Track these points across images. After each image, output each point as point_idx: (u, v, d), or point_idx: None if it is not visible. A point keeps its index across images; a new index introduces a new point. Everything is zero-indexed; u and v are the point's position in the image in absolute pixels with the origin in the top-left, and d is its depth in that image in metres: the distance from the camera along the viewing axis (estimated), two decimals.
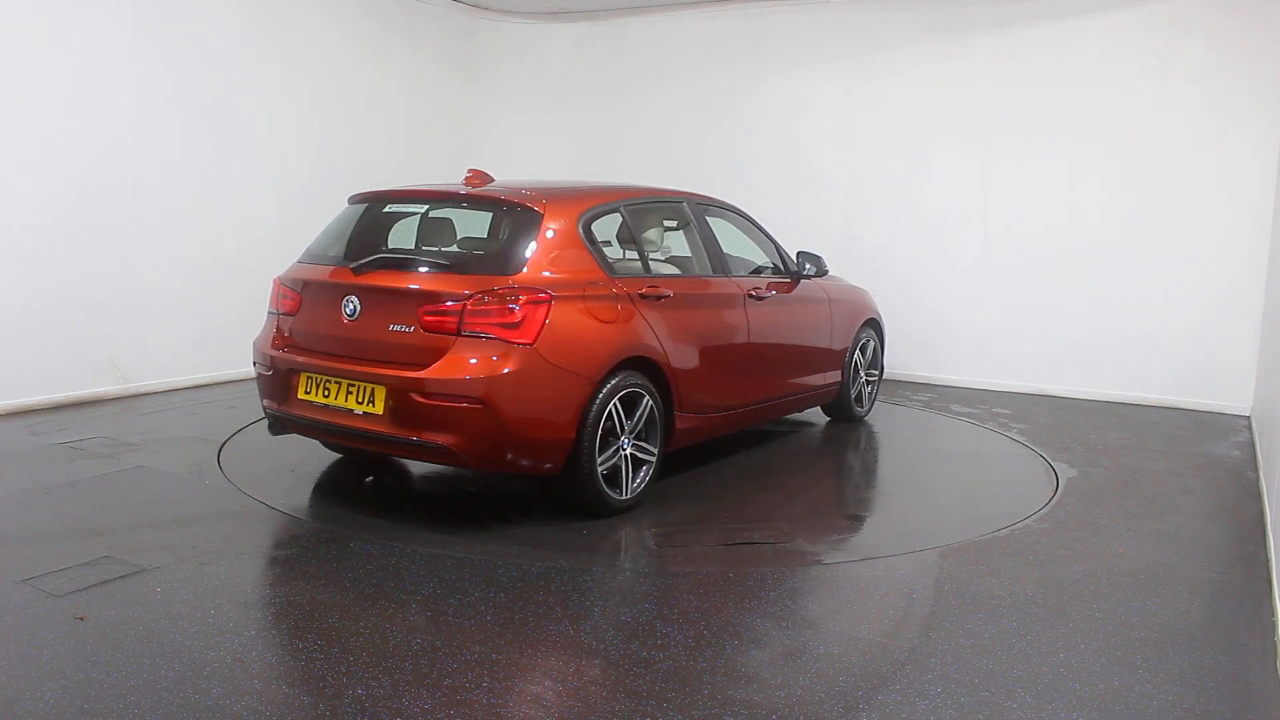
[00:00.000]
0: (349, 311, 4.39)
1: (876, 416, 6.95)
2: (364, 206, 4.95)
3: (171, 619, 3.25)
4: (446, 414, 4.07)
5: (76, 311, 6.47)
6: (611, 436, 4.45)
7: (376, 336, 4.31)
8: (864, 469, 5.91)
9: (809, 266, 5.98)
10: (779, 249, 6.00)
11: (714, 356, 5.11)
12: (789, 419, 6.77)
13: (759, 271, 5.86)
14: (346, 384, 4.34)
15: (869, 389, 6.86)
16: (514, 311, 4.14)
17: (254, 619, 3.41)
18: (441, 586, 3.62)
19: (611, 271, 4.64)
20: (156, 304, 6.94)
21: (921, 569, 4.04)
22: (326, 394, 4.41)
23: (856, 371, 6.64)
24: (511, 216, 4.55)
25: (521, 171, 9.56)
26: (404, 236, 4.89)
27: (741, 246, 5.98)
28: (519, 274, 4.26)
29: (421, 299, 4.22)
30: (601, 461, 4.39)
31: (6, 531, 4.05)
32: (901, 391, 7.93)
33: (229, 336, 7.01)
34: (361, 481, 5.14)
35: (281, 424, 4.73)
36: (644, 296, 4.68)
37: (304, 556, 3.91)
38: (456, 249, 4.78)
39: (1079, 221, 7.79)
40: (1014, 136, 7.95)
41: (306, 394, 4.49)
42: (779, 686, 2.93)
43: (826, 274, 6.18)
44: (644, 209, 5.32)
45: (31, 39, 6.10)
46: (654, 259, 5.43)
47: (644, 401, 4.57)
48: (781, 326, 5.74)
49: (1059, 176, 7.82)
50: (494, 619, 3.40)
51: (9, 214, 6.08)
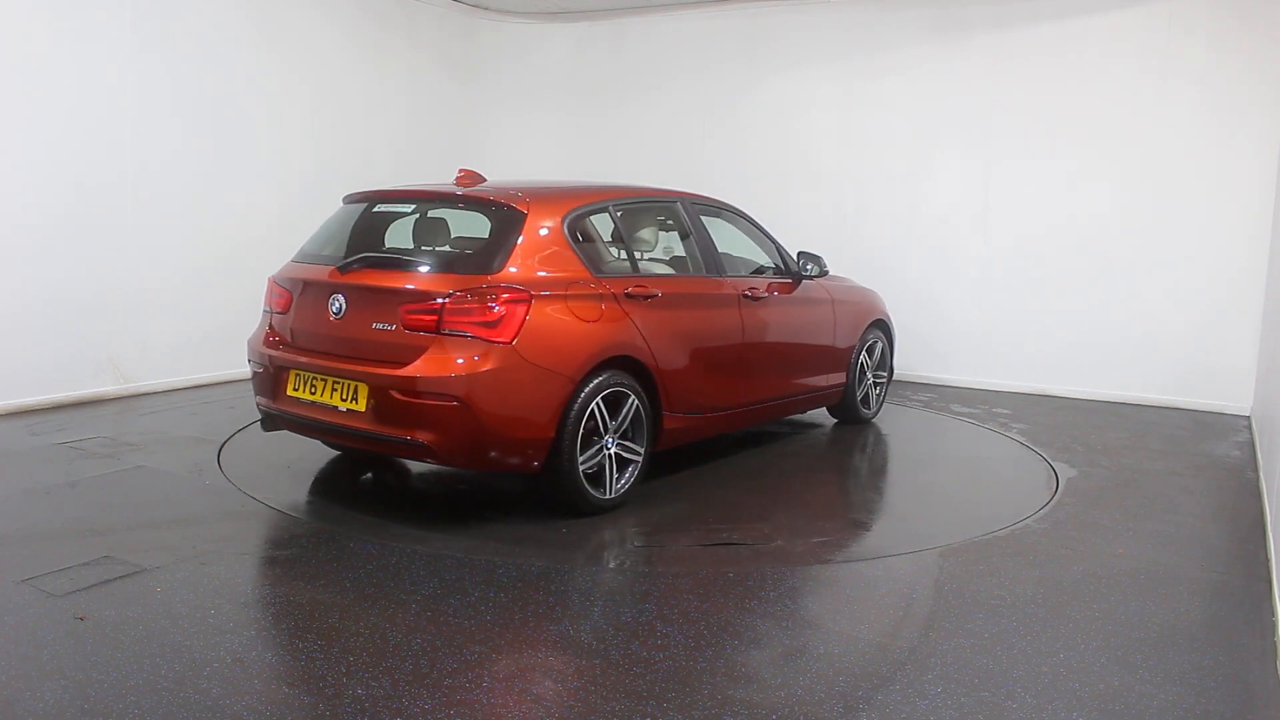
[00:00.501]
0: (335, 310, 4.45)
1: (877, 417, 6.94)
2: (356, 206, 5.00)
3: (171, 619, 3.25)
4: (426, 411, 4.11)
5: (76, 311, 6.47)
6: (595, 436, 4.46)
7: (361, 335, 4.36)
8: (862, 470, 5.91)
9: (810, 267, 5.97)
10: (780, 249, 5.98)
11: (705, 357, 5.10)
12: (794, 420, 6.76)
13: (760, 272, 5.85)
14: (332, 381, 4.39)
15: (877, 391, 6.81)
16: (493, 310, 4.16)
17: (254, 619, 3.41)
18: (441, 586, 3.62)
19: (597, 271, 4.64)
20: (156, 304, 6.94)
21: (921, 569, 4.04)
22: (314, 391, 4.47)
23: (863, 373, 6.59)
24: (495, 216, 4.57)
25: (521, 171, 9.56)
26: (401, 236, 4.90)
27: (743, 247, 5.98)
28: (500, 273, 4.29)
29: (403, 298, 4.26)
30: (584, 460, 4.40)
31: (6, 531, 4.06)
32: (901, 391, 7.93)
33: (229, 336, 7.00)
34: (361, 481, 5.14)
35: (273, 421, 4.79)
36: (630, 296, 4.68)
37: (304, 556, 3.91)
38: (443, 249, 4.80)
39: (1079, 221, 7.79)
40: (1014, 136, 7.94)
41: (295, 391, 4.55)
42: (779, 686, 2.93)
43: (827, 274, 6.16)
44: (635, 209, 5.33)
45: (31, 39, 6.10)
46: (646, 259, 5.43)
47: (629, 401, 4.58)
48: (779, 327, 5.72)
49: (1059, 176, 7.82)
50: (494, 619, 3.40)
51: (9, 214, 6.08)
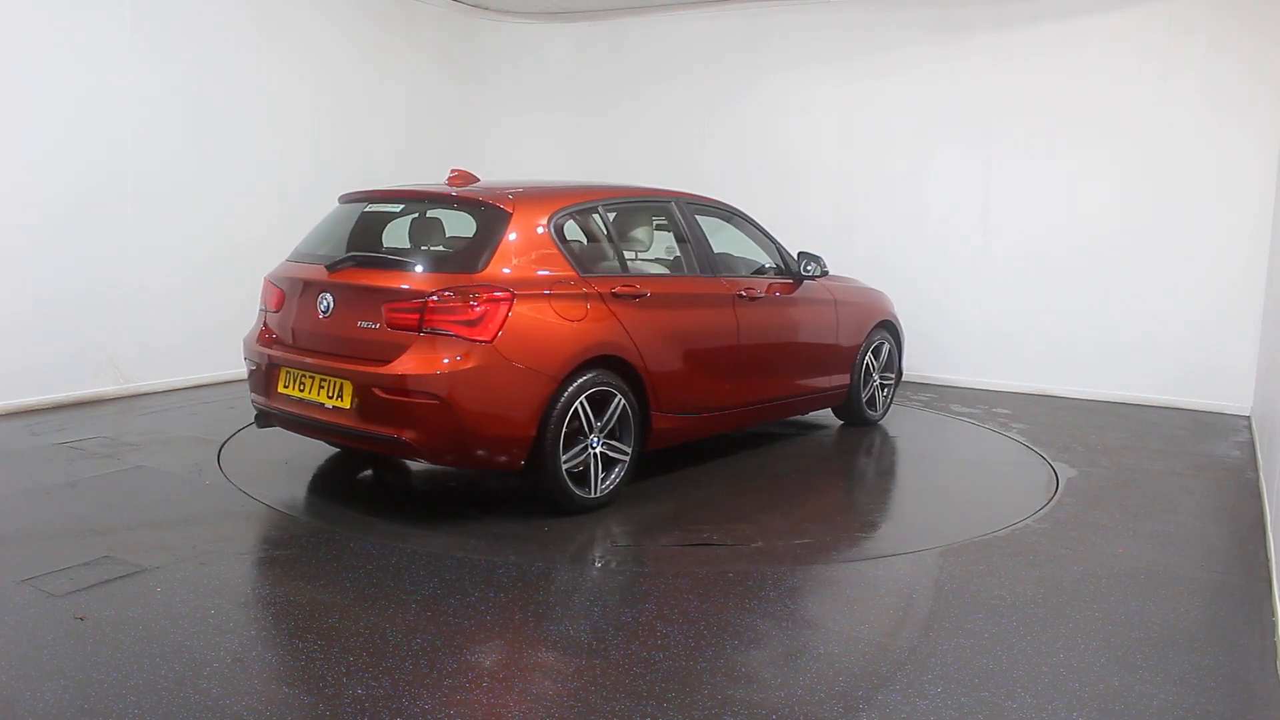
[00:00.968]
0: (323, 308, 4.51)
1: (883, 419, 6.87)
2: (351, 206, 5.06)
3: (171, 619, 3.25)
4: (407, 409, 4.14)
5: (76, 311, 6.47)
6: (580, 435, 4.46)
7: (346, 333, 4.41)
8: (860, 471, 5.90)
9: (810, 267, 5.94)
10: (780, 249, 5.95)
11: (698, 357, 5.09)
12: (797, 421, 6.73)
13: (760, 272, 5.83)
14: (320, 379, 4.44)
15: (884, 393, 6.75)
16: (474, 309, 4.18)
17: (254, 619, 3.41)
18: (441, 586, 3.62)
19: (584, 271, 4.64)
20: (157, 304, 6.94)
21: (921, 569, 4.04)
22: (302, 388, 4.52)
23: (868, 374, 6.54)
24: (480, 216, 4.60)
25: (520, 171, 9.56)
26: (398, 237, 4.93)
27: (743, 247, 5.97)
28: (482, 273, 4.31)
29: (387, 296, 4.30)
30: (569, 459, 4.41)
31: (6, 531, 4.06)
32: (901, 391, 7.91)
33: (229, 336, 6.97)
34: (360, 480, 5.14)
35: (266, 418, 4.85)
36: (617, 296, 4.68)
37: (304, 556, 3.91)
38: (432, 249, 4.82)
39: (1079, 221, 7.79)
40: (1014, 136, 7.94)
41: (286, 388, 4.61)
42: (779, 686, 2.93)
43: (827, 274, 6.12)
44: (626, 209, 5.33)
45: (31, 39, 6.10)
46: (639, 259, 5.42)
47: (615, 400, 4.58)
48: (777, 327, 5.70)
49: (1059, 176, 7.82)
50: (494, 619, 3.40)
51: (9, 214, 6.08)
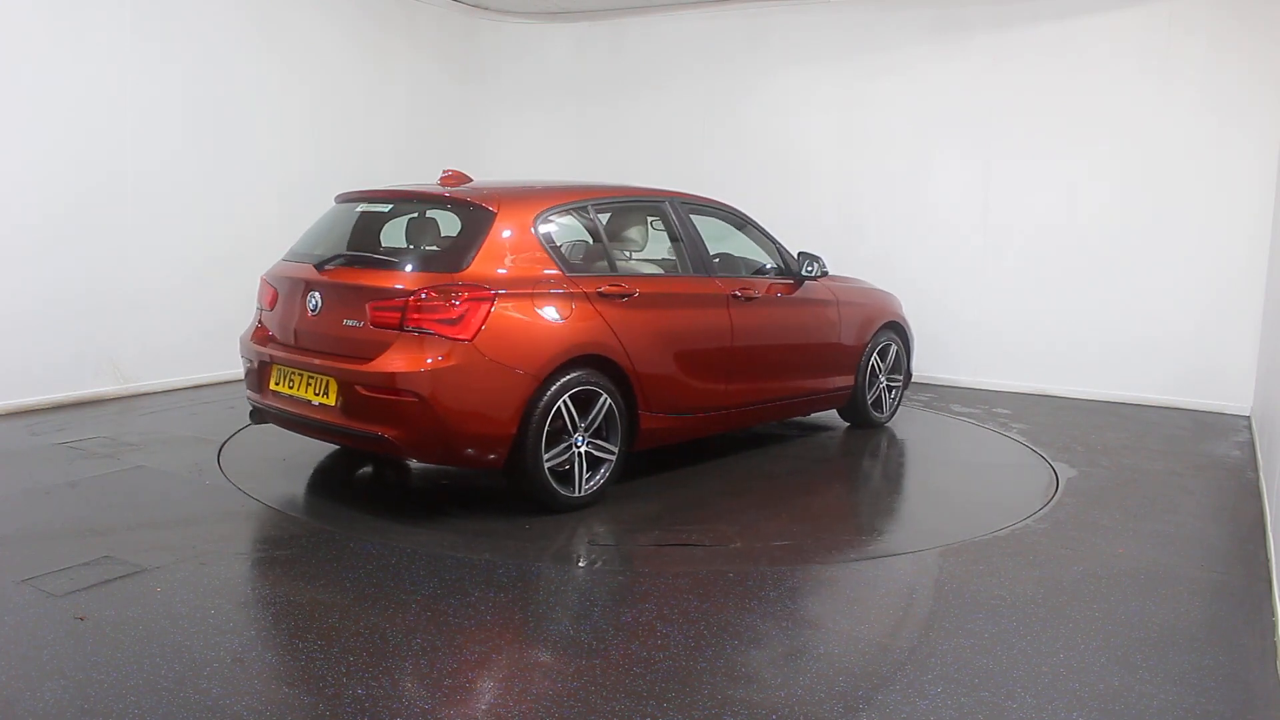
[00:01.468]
0: (312, 307, 4.57)
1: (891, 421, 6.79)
2: (345, 206, 5.13)
3: (171, 619, 3.25)
4: (387, 406, 4.19)
5: (76, 311, 6.47)
6: (564, 434, 4.47)
7: (333, 331, 4.47)
8: (857, 472, 5.88)
9: (810, 267, 5.91)
10: (781, 250, 5.92)
11: (689, 357, 5.07)
12: (802, 423, 6.70)
13: (761, 273, 5.81)
14: (307, 376, 4.51)
15: (891, 394, 6.67)
16: (455, 308, 4.21)
17: (254, 619, 3.41)
18: (441, 586, 3.62)
19: (569, 270, 4.66)
20: (156, 304, 6.94)
21: (921, 569, 4.04)
22: (291, 385, 4.59)
23: (874, 376, 6.48)
24: (465, 216, 4.64)
25: (520, 171, 9.56)
26: (395, 236, 4.95)
27: (743, 247, 5.96)
28: (465, 272, 4.34)
29: (370, 295, 4.35)
30: (552, 457, 4.42)
31: (6, 531, 4.06)
32: None
33: (229, 336, 6.96)
34: (361, 481, 5.14)
35: (260, 414, 4.92)
36: (603, 295, 4.68)
37: (304, 556, 3.91)
38: (421, 248, 4.84)
39: (1079, 221, 7.79)
40: (1014, 136, 7.94)
41: (277, 385, 4.69)
42: (779, 686, 2.93)
43: (826, 274, 6.07)
44: (617, 209, 5.34)
45: (31, 39, 6.10)
46: (632, 259, 5.41)
47: (601, 400, 4.58)
48: (774, 328, 5.66)
49: (1059, 176, 7.82)
50: (494, 619, 3.40)
51: (9, 214, 6.08)
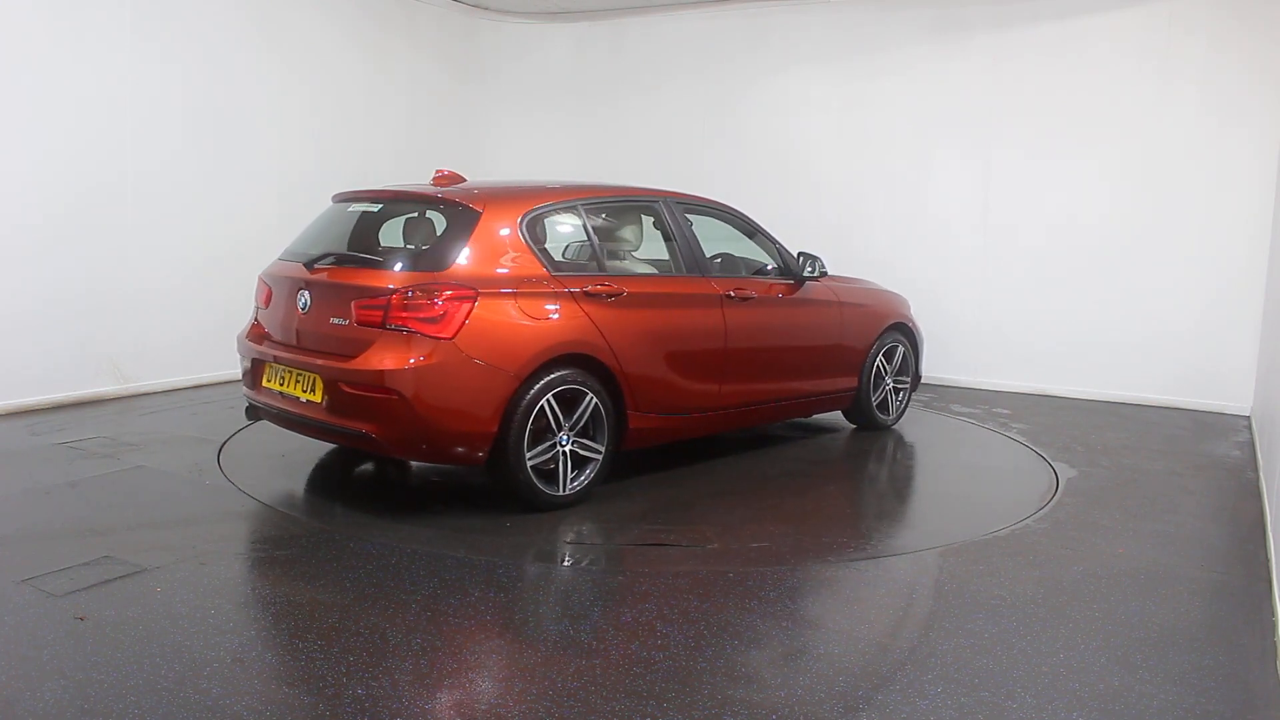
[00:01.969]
0: (302, 305, 4.64)
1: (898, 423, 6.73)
2: (338, 206, 5.20)
3: (171, 619, 3.25)
4: (369, 403, 4.25)
5: (76, 311, 6.47)
6: (548, 432, 4.48)
7: (320, 329, 4.54)
8: (855, 472, 5.86)
9: (810, 268, 5.88)
10: (781, 250, 5.89)
11: (680, 357, 5.06)
12: (806, 425, 6.67)
13: (761, 273, 5.79)
14: (296, 373, 4.58)
15: (898, 396, 6.60)
16: (436, 307, 4.25)
17: (254, 619, 3.41)
18: (441, 586, 3.62)
19: (555, 270, 4.67)
20: (156, 304, 6.94)
21: (921, 569, 4.04)
22: (282, 382, 4.66)
23: (880, 377, 6.43)
24: (450, 216, 4.67)
25: (519, 171, 9.56)
26: (380, 236, 4.98)
27: (744, 248, 5.95)
28: (448, 270, 4.37)
29: (355, 294, 4.41)
30: (536, 456, 4.44)
31: (6, 531, 4.06)
32: None
33: (229, 336, 6.95)
34: (361, 480, 5.15)
35: (254, 411, 5.00)
36: (590, 295, 4.68)
37: (304, 556, 3.91)
38: (405, 247, 4.85)
39: (1079, 221, 7.79)
40: (1014, 137, 7.94)
41: (269, 382, 4.76)
42: (779, 686, 2.93)
43: (825, 274, 6.03)
44: (608, 208, 5.34)
45: (32, 39, 6.10)
46: (623, 258, 5.40)
47: (587, 399, 4.58)
48: (771, 328, 5.64)
49: (1059, 176, 7.82)
50: (494, 619, 3.40)
51: (10, 214, 6.08)
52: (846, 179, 8.65)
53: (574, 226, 5.03)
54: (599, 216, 5.24)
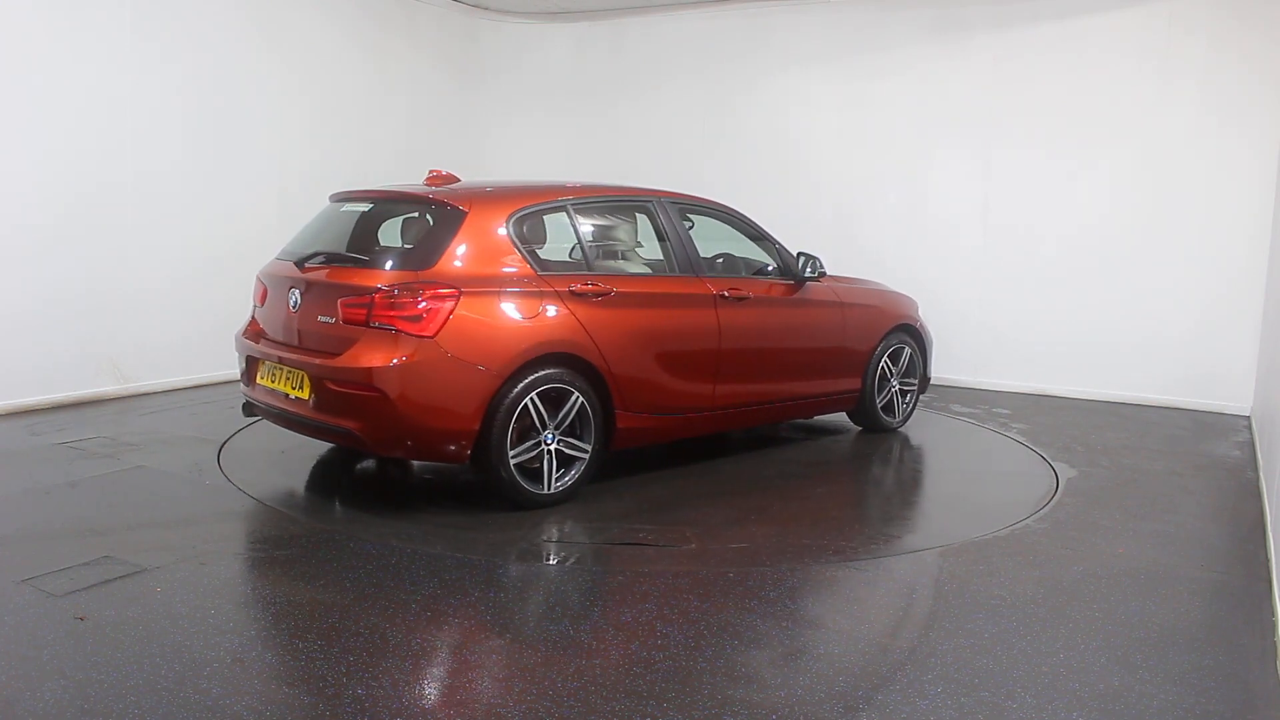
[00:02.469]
0: (292, 303, 4.69)
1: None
2: (334, 206, 5.26)
3: (171, 619, 3.25)
4: (351, 400, 4.30)
5: (76, 311, 6.47)
6: (533, 431, 4.49)
7: (309, 327, 4.59)
8: (853, 473, 5.84)
9: (809, 268, 5.85)
10: (781, 251, 5.85)
11: (671, 357, 5.04)
12: (811, 426, 6.63)
13: (761, 274, 5.77)
14: (286, 370, 4.63)
15: (904, 399, 6.52)
16: (418, 305, 4.28)
17: (254, 619, 3.41)
18: (441, 586, 3.62)
19: (542, 269, 4.68)
20: (157, 304, 6.94)
21: (921, 569, 4.04)
22: (274, 379, 4.72)
23: (885, 379, 6.37)
24: (437, 215, 4.71)
25: (519, 171, 9.56)
26: (371, 235, 4.99)
27: (744, 248, 5.93)
28: (432, 270, 4.41)
29: (341, 292, 4.45)
30: (520, 454, 4.46)
31: (6, 531, 4.06)
32: None
33: (229, 336, 6.96)
34: (361, 480, 5.15)
35: (250, 407, 5.07)
36: (576, 294, 4.68)
37: (304, 556, 3.91)
38: (393, 246, 4.87)
39: (1079, 221, 7.79)
40: (1014, 137, 7.94)
41: (262, 379, 4.82)
42: (779, 686, 2.93)
43: (823, 275, 5.97)
44: (599, 208, 5.34)
45: (32, 39, 6.10)
46: (614, 258, 5.40)
47: (573, 398, 4.59)
48: (767, 329, 5.60)
49: (1059, 177, 7.82)
50: (494, 619, 3.40)
51: (10, 214, 6.08)
52: (846, 179, 8.64)
53: (562, 226, 5.03)
54: (589, 216, 5.25)
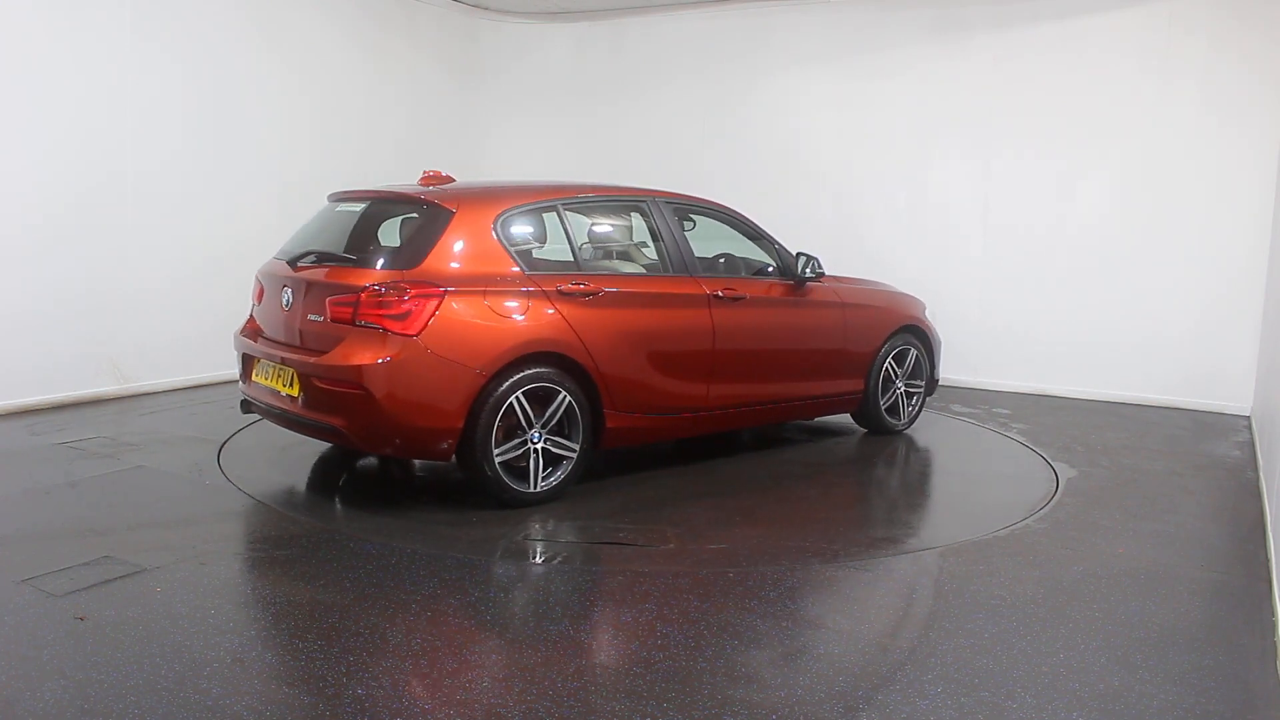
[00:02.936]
0: (284, 302, 4.76)
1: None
2: (330, 205, 5.31)
3: (171, 619, 3.25)
4: (337, 398, 4.35)
5: (76, 311, 6.47)
6: (519, 429, 4.50)
7: (300, 325, 4.65)
8: (850, 475, 5.79)
9: (807, 268, 5.82)
10: (780, 251, 5.82)
11: (663, 357, 5.03)
12: (814, 428, 6.60)
13: (760, 274, 5.76)
14: (278, 368, 4.68)
15: (910, 400, 6.45)
16: (403, 304, 4.31)
17: (254, 619, 3.41)
18: (441, 586, 3.62)
19: (530, 269, 4.69)
20: (156, 304, 6.94)
21: (921, 569, 4.04)
22: (268, 377, 4.77)
23: (889, 381, 6.32)
24: (425, 215, 4.73)
25: (519, 171, 9.56)
26: (366, 235, 4.98)
27: (745, 249, 5.92)
28: (417, 269, 4.44)
29: (330, 291, 4.50)
30: (506, 452, 4.47)
31: (6, 531, 4.06)
32: None
33: (228, 336, 6.98)
34: (361, 480, 5.15)
35: (247, 405, 5.11)
36: (564, 294, 4.69)
37: (304, 556, 3.91)
38: (383, 246, 4.87)
39: (1079, 221, 7.79)
40: (1014, 137, 7.94)
41: (257, 377, 4.87)
42: (779, 686, 2.93)
43: (822, 275, 5.92)
44: (591, 208, 5.36)
45: (31, 39, 6.10)
46: (607, 258, 5.40)
47: (560, 397, 4.59)
48: (765, 329, 5.56)
49: (1059, 177, 7.82)
50: (494, 619, 3.40)
51: (9, 214, 6.08)
52: (847, 179, 8.64)
53: (553, 226, 5.03)
54: (581, 216, 5.25)
